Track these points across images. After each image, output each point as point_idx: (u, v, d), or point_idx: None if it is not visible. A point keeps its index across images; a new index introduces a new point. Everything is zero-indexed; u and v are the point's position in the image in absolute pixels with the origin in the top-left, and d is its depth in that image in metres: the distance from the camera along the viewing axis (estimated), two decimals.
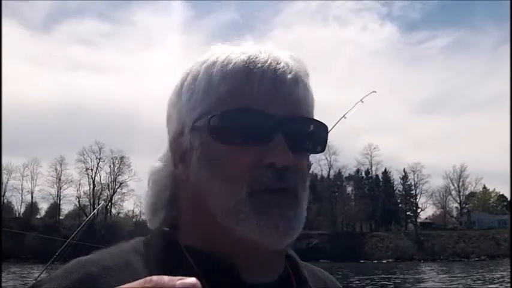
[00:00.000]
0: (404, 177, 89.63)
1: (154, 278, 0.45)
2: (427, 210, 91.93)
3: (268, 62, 0.78)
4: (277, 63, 0.78)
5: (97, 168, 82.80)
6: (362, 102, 5.10)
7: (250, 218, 0.74)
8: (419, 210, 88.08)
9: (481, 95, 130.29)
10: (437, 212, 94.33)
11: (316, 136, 0.82)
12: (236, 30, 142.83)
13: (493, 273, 37.15)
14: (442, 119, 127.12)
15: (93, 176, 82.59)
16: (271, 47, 0.83)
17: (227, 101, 0.77)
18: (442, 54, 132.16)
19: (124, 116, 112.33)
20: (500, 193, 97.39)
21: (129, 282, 0.51)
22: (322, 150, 0.84)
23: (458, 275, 34.07)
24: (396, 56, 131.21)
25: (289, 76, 0.78)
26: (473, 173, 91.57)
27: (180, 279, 0.44)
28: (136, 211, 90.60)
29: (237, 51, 0.81)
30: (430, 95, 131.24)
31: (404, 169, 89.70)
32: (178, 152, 0.84)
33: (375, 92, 5.41)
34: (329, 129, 0.82)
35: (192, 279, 0.44)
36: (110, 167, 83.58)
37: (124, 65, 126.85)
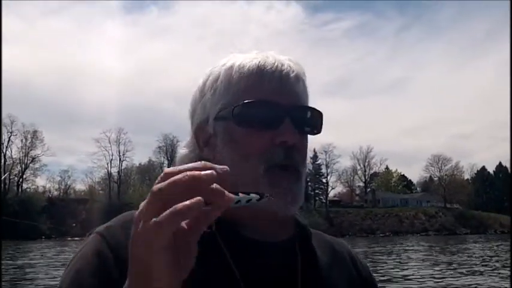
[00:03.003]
0: (315, 157, 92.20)
1: (203, 161, 0.59)
2: (335, 189, 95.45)
3: (275, 64, 0.98)
4: (282, 65, 0.98)
5: (8, 142, 78.48)
6: None
7: (266, 190, 0.87)
8: (329, 189, 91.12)
9: (383, 78, 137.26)
10: (344, 190, 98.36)
11: (314, 121, 1.00)
12: (140, 1, 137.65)
13: (394, 247, 39.38)
14: (345, 101, 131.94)
15: (4, 150, 78.17)
16: (274, 52, 1.02)
17: (244, 96, 0.95)
18: (346, 37, 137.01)
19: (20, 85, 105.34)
20: (402, 173, 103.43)
21: None
22: (319, 132, 1.01)
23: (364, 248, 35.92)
24: (300, 37, 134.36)
25: (291, 75, 0.97)
26: (378, 154, 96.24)
27: (217, 166, 0.59)
28: (49, 186, 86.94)
29: (249, 57, 1.00)
30: (334, 77, 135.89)
31: (314, 149, 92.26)
32: (203, 137, 1.02)
33: None
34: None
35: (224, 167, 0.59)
36: (21, 141, 79.56)
37: (26, 34, 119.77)
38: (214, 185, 0.57)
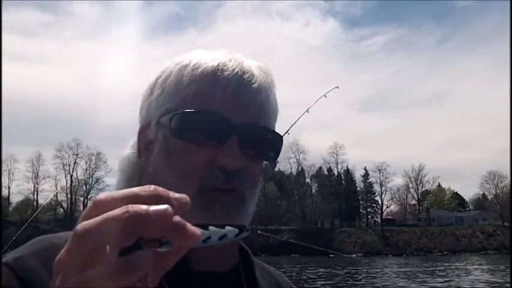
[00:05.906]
0: (366, 176, 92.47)
1: (153, 186, 0.44)
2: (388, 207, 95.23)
3: (236, 70, 0.84)
4: (244, 73, 0.84)
5: (74, 164, 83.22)
6: (325, 97, 4.80)
7: (197, 212, 0.77)
8: (384, 207, 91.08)
9: (422, 92, 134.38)
10: (396, 209, 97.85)
11: (270, 145, 0.87)
12: (178, 22, 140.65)
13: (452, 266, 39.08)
14: (383, 116, 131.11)
15: (70, 172, 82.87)
16: (241, 55, 0.89)
17: (192, 102, 0.82)
18: (383, 51, 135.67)
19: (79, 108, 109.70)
20: (455, 191, 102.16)
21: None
22: (275, 159, 0.89)
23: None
24: (337, 52, 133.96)
25: (253, 86, 0.84)
26: (430, 172, 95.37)
27: (173, 194, 0.44)
28: None
29: (209, 56, 0.86)
30: (372, 92, 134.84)
31: (365, 167, 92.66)
32: (143, 142, 0.90)
33: (337, 87, 5.05)
34: (293, 123, 1.08)
35: (183, 195, 0.44)
36: (86, 162, 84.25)
37: (66, 56, 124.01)
38: (176, 218, 0.42)
